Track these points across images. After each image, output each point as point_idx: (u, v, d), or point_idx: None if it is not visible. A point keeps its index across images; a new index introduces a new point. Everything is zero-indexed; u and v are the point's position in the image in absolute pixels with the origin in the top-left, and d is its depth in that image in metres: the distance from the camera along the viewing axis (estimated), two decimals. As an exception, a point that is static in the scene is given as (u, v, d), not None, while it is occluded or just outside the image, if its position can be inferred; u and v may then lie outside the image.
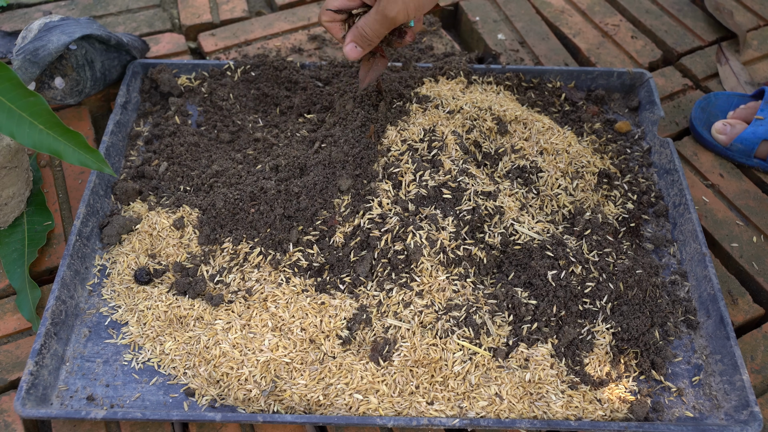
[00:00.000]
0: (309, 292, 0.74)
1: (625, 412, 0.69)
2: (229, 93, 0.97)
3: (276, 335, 0.71)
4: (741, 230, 0.88)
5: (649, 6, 1.19)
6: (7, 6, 1.14)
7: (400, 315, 0.72)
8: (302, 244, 0.77)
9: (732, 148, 0.94)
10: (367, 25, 0.72)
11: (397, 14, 0.69)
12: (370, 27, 0.72)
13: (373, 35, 0.73)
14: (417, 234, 0.74)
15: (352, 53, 0.74)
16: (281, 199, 0.78)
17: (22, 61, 0.85)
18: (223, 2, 1.17)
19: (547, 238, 0.79)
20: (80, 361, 0.72)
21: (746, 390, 0.68)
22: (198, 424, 0.69)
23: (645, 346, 0.73)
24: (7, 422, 0.69)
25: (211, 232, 0.79)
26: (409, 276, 0.74)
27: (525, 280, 0.76)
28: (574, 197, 0.85)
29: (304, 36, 1.12)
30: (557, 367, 0.71)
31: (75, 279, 0.76)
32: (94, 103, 1.01)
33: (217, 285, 0.76)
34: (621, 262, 0.78)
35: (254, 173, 0.83)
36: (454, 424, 0.65)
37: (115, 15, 1.15)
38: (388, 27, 0.72)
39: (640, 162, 0.93)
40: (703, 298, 0.77)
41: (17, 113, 0.66)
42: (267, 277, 0.76)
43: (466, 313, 0.72)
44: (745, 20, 1.17)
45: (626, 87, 1.02)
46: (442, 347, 0.70)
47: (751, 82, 1.06)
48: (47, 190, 0.88)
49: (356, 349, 0.71)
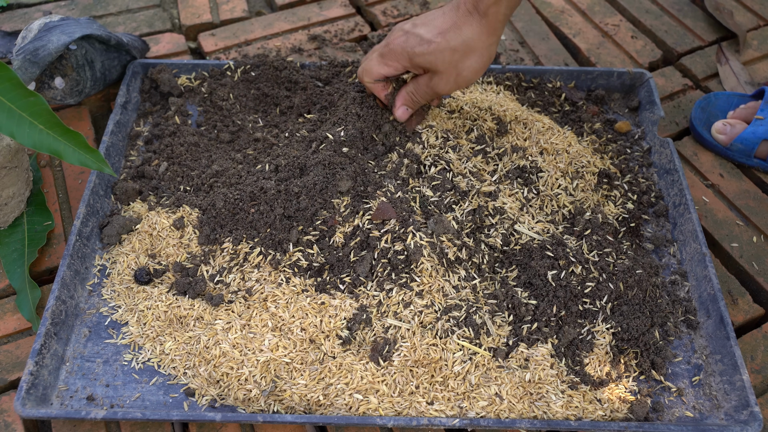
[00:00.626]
0: (309, 292, 0.74)
1: (625, 412, 0.69)
2: (229, 93, 0.97)
3: (276, 335, 0.71)
4: (741, 230, 0.88)
5: (649, 6, 1.19)
6: (7, 6, 1.14)
7: (400, 315, 0.72)
8: (302, 244, 0.77)
9: (732, 148, 0.94)
10: (417, 93, 0.79)
11: (446, 92, 0.77)
12: (421, 95, 0.79)
13: (423, 101, 0.81)
14: (417, 234, 0.74)
15: (404, 115, 0.82)
16: (281, 199, 0.78)
17: (22, 61, 0.85)
18: (223, 2, 1.17)
19: (547, 238, 0.80)
20: (80, 361, 0.72)
21: (746, 390, 0.68)
22: (198, 424, 0.69)
23: (645, 346, 0.73)
24: (7, 422, 0.69)
25: (211, 232, 0.79)
26: (409, 276, 0.74)
27: (525, 280, 0.76)
28: (574, 197, 0.85)
29: (304, 36, 1.12)
30: (557, 367, 0.71)
31: (75, 279, 0.76)
32: (94, 103, 1.01)
33: (217, 285, 0.76)
34: (621, 262, 0.78)
35: (254, 173, 0.83)
36: (454, 424, 0.65)
37: (115, 15, 1.15)
38: (437, 98, 0.83)
39: (640, 162, 0.93)
40: (703, 298, 0.77)
41: (17, 113, 0.66)
42: (267, 277, 0.76)
43: (466, 313, 0.72)
44: (745, 20, 1.17)
45: (626, 87, 1.02)
46: (442, 347, 0.70)
47: (751, 82, 1.06)
48: (47, 190, 0.88)
49: (356, 349, 0.71)
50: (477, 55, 0.72)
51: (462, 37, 0.72)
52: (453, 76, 0.74)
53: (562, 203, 0.84)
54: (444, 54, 0.72)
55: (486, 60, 0.73)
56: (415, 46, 0.73)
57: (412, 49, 0.74)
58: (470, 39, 0.72)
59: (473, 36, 0.71)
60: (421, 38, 0.73)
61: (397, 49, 0.75)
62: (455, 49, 0.72)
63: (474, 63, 0.73)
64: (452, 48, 0.72)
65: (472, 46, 0.72)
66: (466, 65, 0.73)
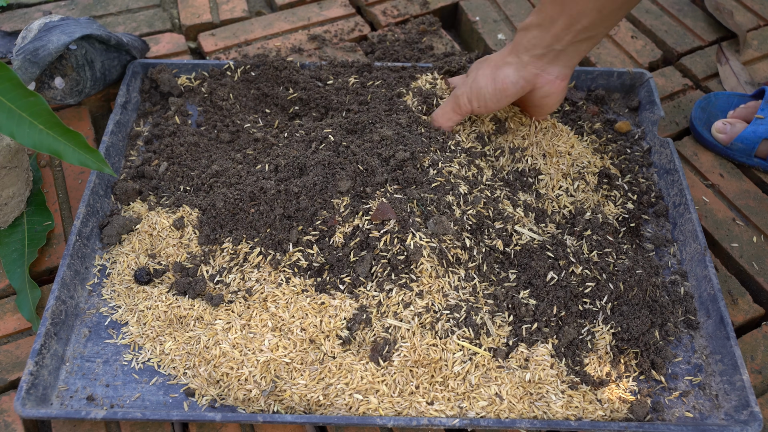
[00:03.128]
0: (309, 293, 0.74)
1: (625, 412, 0.69)
2: (229, 93, 0.97)
3: (276, 335, 0.71)
4: (741, 230, 0.88)
5: (649, 6, 1.19)
6: (7, 6, 1.14)
7: (400, 315, 0.72)
8: (302, 244, 0.77)
9: (732, 147, 0.94)
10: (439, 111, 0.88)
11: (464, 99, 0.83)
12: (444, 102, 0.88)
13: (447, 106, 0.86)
14: (417, 235, 0.74)
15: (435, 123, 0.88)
16: (281, 199, 0.78)
17: (22, 61, 0.85)
18: (223, 2, 1.17)
19: (547, 238, 0.80)
20: (80, 361, 0.72)
21: (746, 390, 0.68)
22: (198, 424, 0.69)
23: (645, 346, 0.73)
24: (7, 422, 0.69)
25: (211, 232, 0.79)
26: (409, 277, 0.74)
27: (525, 281, 0.76)
28: (575, 197, 0.85)
29: (304, 36, 1.12)
30: (557, 367, 0.71)
31: (75, 279, 0.76)
32: (94, 103, 1.01)
33: (217, 285, 0.76)
34: (621, 262, 0.78)
35: (254, 173, 0.83)
36: (454, 424, 0.65)
37: (115, 15, 1.15)
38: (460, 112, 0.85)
39: (640, 162, 0.93)
40: (703, 298, 0.77)
41: (17, 113, 0.66)
42: (267, 277, 0.76)
43: (466, 314, 0.72)
44: (745, 20, 1.17)
45: (626, 87, 1.02)
46: (442, 347, 0.70)
47: (751, 82, 1.06)
48: (47, 190, 0.88)
49: (356, 349, 0.71)
50: (492, 65, 0.81)
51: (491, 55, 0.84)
52: (470, 80, 0.82)
53: (563, 203, 0.84)
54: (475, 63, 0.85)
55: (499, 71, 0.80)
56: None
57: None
58: (494, 54, 0.83)
59: (496, 53, 0.83)
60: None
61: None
62: (482, 60, 0.85)
63: (487, 70, 0.81)
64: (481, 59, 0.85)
65: (491, 58, 0.83)
66: (480, 73, 0.82)
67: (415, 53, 1.07)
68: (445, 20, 1.20)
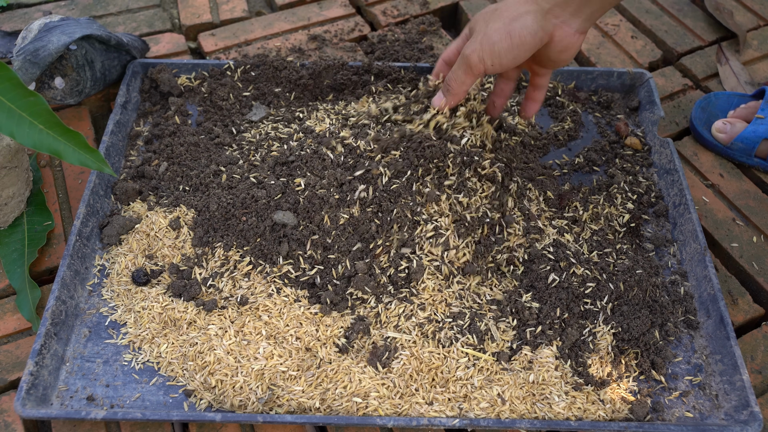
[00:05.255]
0: (302, 303, 0.74)
1: (625, 413, 0.69)
2: (229, 93, 0.97)
3: (270, 343, 0.70)
4: (741, 230, 0.88)
5: (649, 6, 1.19)
6: (7, 6, 1.14)
7: (400, 327, 0.72)
8: (292, 258, 0.76)
9: (732, 147, 0.94)
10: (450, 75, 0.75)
11: (474, 57, 0.71)
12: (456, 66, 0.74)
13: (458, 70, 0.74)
14: (417, 252, 0.74)
15: (437, 101, 0.78)
16: (271, 210, 0.77)
17: (23, 61, 0.85)
18: (223, 2, 1.17)
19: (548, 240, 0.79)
20: (80, 362, 0.72)
21: (746, 390, 0.68)
22: (198, 424, 0.69)
23: (645, 346, 0.73)
24: (7, 422, 0.69)
25: (204, 234, 0.78)
26: (409, 291, 0.74)
27: (527, 284, 0.76)
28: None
29: (304, 36, 1.12)
30: (562, 369, 0.70)
31: (75, 279, 0.76)
32: (94, 103, 1.01)
33: (210, 289, 0.76)
34: (621, 262, 0.78)
35: (247, 179, 0.82)
36: (455, 424, 0.65)
37: (115, 15, 1.15)
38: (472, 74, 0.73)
39: (640, 162, 0.93)
40: (703, 298, 0.77)
41: (17, 113, 0.66)
42: (257, 285, 0.75)
43: (470, 321, 0.72)
44: (745, 20, 1.17)
45: (626, 87, 1.02)
46: (444, 355, 0.70)
47: (751, 82, 1.06)
48: (47, 190, 0.88)
49: (354, 354, 0.71)
50: (505, 15, 0.71)
51: (498, 4, 0.73)
52: (480, 35, 0.72)
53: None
54: (479, 16, 0.74)
55: (515, 23, 0.70)
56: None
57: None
58: (504, 4, 0.72)
59: (508, 2, 0.72)
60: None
61: None
62: (488, 11, 0.73)
63: (498, 23, 0.71)
64: (486, 11, 0.74)
65: (500, 7, 0.72)
66: (491, 27, 0.71)
67: (415, 53, 1.07)
68: (445, 20, 1.20)
